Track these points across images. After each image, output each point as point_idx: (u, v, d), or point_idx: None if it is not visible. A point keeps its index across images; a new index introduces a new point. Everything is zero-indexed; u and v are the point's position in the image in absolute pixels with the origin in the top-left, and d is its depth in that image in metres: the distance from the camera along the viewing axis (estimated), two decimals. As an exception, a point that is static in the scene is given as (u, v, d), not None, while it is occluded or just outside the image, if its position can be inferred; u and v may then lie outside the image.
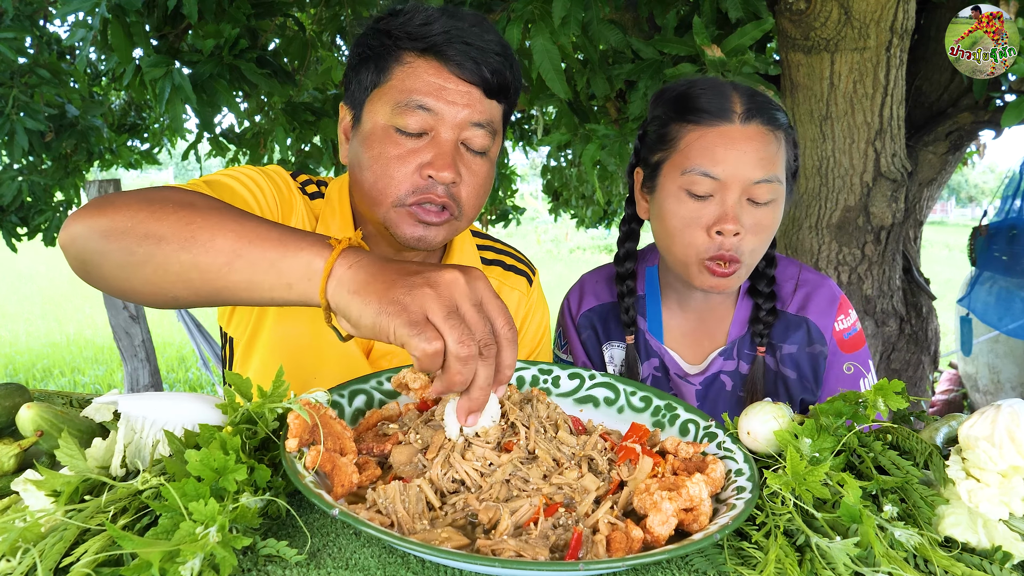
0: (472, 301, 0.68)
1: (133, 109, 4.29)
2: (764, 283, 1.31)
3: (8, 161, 3.10)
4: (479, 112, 1.08)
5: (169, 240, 0.77)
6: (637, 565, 0.65)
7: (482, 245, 1.39)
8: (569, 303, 1.45)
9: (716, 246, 1.16)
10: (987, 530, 0.71)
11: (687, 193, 1.18)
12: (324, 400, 0.80)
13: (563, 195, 5.59)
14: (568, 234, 18.58)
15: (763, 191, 1.15)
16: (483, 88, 1.08)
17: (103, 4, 1.97)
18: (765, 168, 1.15)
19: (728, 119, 1.17)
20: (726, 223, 1.14)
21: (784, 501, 0.73)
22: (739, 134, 1.16)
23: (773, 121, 1.18)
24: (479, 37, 1.07)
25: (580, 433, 0.88)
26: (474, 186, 1.12)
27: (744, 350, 1.33)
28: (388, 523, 0.67)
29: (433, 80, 1.07)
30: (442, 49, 1.06)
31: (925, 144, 2.53)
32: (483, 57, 1.07)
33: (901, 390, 0.80)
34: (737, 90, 1.21)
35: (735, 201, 1.15)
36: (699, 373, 1.34)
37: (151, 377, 4.42)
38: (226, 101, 2.39)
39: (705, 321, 1.35)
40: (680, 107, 1.22)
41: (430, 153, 1.06)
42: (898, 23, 1.96)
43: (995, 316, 3.16)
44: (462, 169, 1.09)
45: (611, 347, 1.39)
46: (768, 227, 1.19)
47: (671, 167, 1.21)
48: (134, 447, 0.74)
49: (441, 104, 1.06)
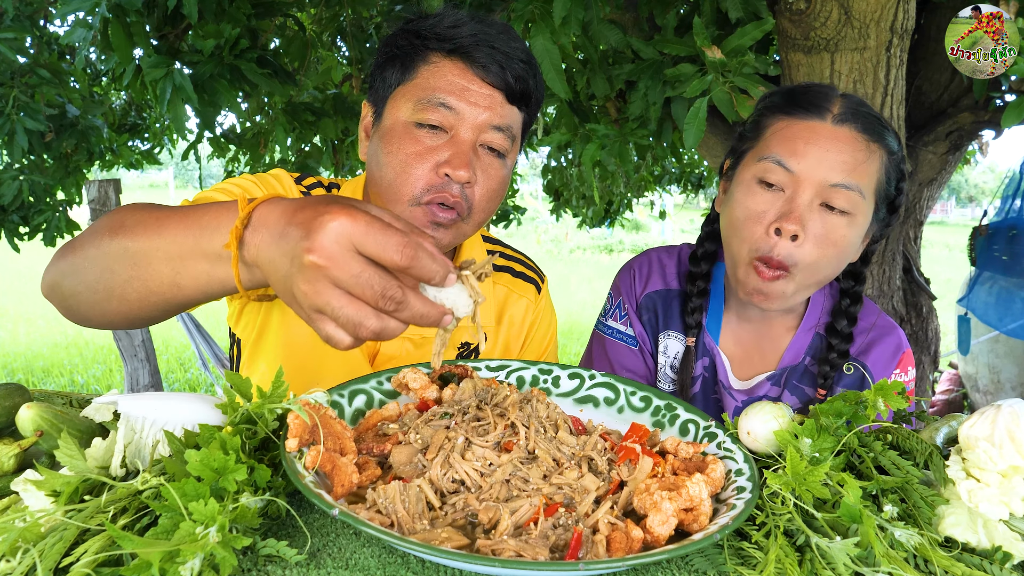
0: (351, 272, 0.64)
1: (134, 109, 4.29)
2: (845, 322, 1.22)
3: (9, 161, 3.10)
4: (499, 116, 1.09)
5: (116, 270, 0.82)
6: (637, 565, 0.65)
7: (492, 251, 1.39)
8: (634, 277, 1.38)
9: (769, 246, 1.09)
10: (987, 530, 0.71)
11: (759, 182, 1.11)
12: (324, 400, 0.80)
13: (564, 195, 5.58)
14: (568, 234, 18.58)
15: (840, 197, 1.07)
16: (505, 92, 1.10)
17: (103, 4, 1.97)
18: (848, 174, 1.07)
19: (820, 115, 1.11)
20: (788, 221, 1.06)
21: (784, 501, 0.73)
22: (827, 132, 1.10)
23: (871, 131, 1.10)
24: (506, 43, 1.09)
25: (580, 433, 0.88)
26: (487, 189, 1.11)
27: (792, 381, 1.26)
28: (388, 523, 0.67)
29: (457, 80, 1.08)
30: (469, 51, 1.08)
31: (925, 144, 2.53)
32: (508, 62, 1.09)
33: (901, 390, 0.80)
34: (845, 97, 1.15)
35: (806, 202, 1.08)
36: (743, 391, 1.29)
37: (151, 377, 4.42)
38: (227, 101, 2.39)
39: (761, 338, 1.29)
40: (780, 100, 1.17)
41: (448, 152, 1.07)
42: (898, 23, 1.96)
43: (995, 316, 3.15)
44: (478, 171, 1.09)
45: (667, 336, 1.34)
46: (837, 243, 1.09)
47: (752, 155, 1.16)
48: (134, 447, 0.74)
49: (463, 104, 1.07)
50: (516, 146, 1.16)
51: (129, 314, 0.86)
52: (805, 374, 1.27)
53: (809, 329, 1.27)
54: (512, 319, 1.35)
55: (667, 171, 5.49)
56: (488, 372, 1.00)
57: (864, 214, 1.12)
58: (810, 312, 1.28)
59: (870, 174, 1.11)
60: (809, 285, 1.13)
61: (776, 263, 1.09)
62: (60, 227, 3.36)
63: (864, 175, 1.09)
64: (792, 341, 1.27)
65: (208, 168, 5.59)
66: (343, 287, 0.65)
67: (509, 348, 1.35)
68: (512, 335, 1.35)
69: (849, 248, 1.13)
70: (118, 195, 3.99)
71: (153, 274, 0.81)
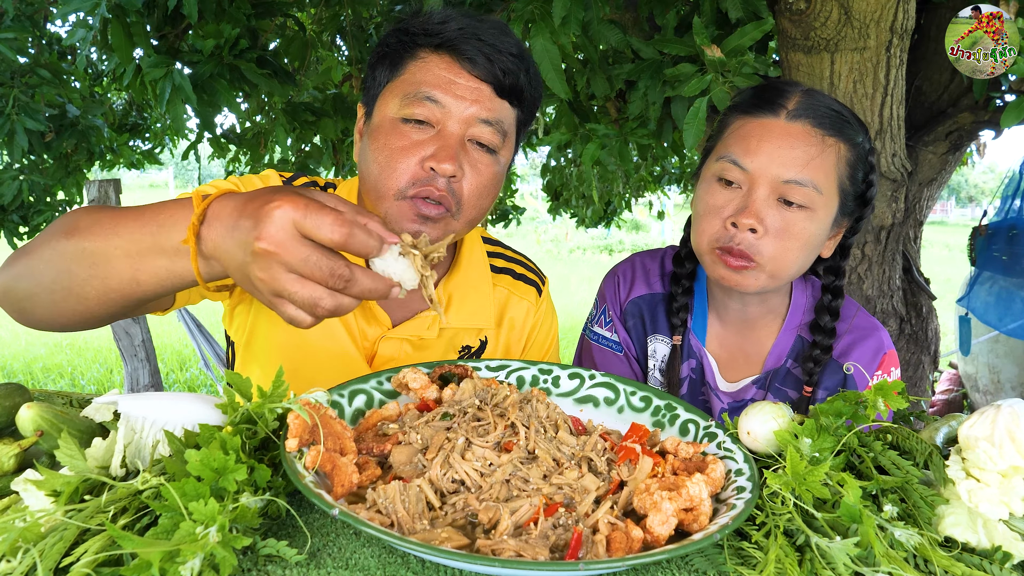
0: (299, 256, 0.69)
1: (134, 109, 4.29)
2: (828, 318, 1.23)
3: (9, 161, 3.10)
4: (487, 109, 1.07)
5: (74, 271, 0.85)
6: (637, 565, 0.65)
7: (493, 252, 1.37)
8: (618, 283, 1.39)
9: (728, 237, 1.12)
10: (987, 530, 0.71)
11: (717, 180, 1.14)
12: (324, 400, 0.80)
13: (563, 195, 5.58)
14: (568, 234, 18.57)
15: (794, 193, 1.09)
16: (494, 86, 1.08)
17: (103, 4, 1.97)
18: (800, 170, 1.09)
19: (774, 112, 1.13)
20: (744, 216, 1.09)
21: (784, 501, 0.73)
22: (780, 129, 1.11)
23: (826, 125, 1.11)
24: (495, 37, 1.08)
25: (580, 433, 0.88)
26: (477, 184, 1.09)
27: (776, 384, 1.27)
28: (388, 523, 0.67)
29: (444, 74, 1.07)
30: (455, 44, 1.07)
31: (925, 144, 2.53)
32: (496, 55, 1.07)
33: (901, 390, 0.80)
34: (806, 92, 1.15)
35: (762, 198, 1.10)
36: (730, 393, 1.30)
37: (151, 377, 4.42)
38: (226, 101, 2.39)
39: (744, 341, 1.30)
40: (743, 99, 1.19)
41: (434, 146, 1.05)
42: (898, 23, 1.96)
43: (995, 316, 3.15)
44: (466, 165, 1.07)
45: (655, 340, 1.35)
46: (798, 236, 1.11)
47: (713, 154, 1.19)
48: (134, 447, 0.74)
49: (449, 97, 1.06)
50: (509, 143, 1.14)
51: (86, 313, 0.88)
52: (788, 376, 1.28)
53: (791, 331, 1.28)
54: (513, 322, 1.34)
55: (667, 171, 5.49)
56: (488, 372, 1.00)
57: (825, 208, 1.13)
58: (791, 314, 1.28)
59: (826, 169, 1.12)
60: (781, 277, 1.15)
61: (738, 252, 1.12)
62: (60, 227, 3.35)
63: (819, 170, 1.11)
64: (774, 344, 1.28)
65: (208, 168, 5.59)
66: (295, 271, 0.70)
67: (510, 350, 1.35)
68: (513, 338, 1.35)
69: (813, 241, 1.14)
70: (118, 195, 3.99)
71: (112, 272, 0.84)
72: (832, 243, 1.23)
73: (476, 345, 1.29)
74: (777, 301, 1.29)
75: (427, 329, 1.22)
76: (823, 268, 1.28)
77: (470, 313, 1.27)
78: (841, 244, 1.25)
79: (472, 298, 1.27)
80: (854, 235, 1.25)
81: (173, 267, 0.82)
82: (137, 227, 0.84)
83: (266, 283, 0.71)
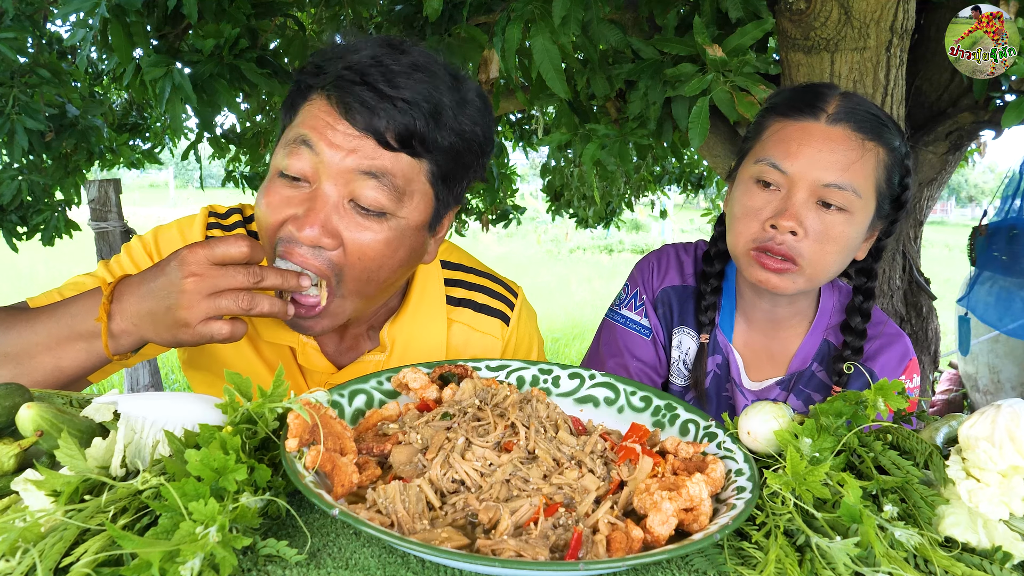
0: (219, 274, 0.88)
1: (134, 109, 4.29)
2: (859, 319, 1.23)
3: (8, 160, 3.10)
4: (369, 160, 0.93)
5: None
6: (637, 565, 0.65)
7: (452, 280, 1.25)
8: (653, 270, 1.38)
9: (767, 238, 1.11)
10: (987, 530, 0.71)
11: (755, 182, 1.14)
12: (324, 400, 0.80)
13: (563, 195, 5.58)
14: (568, 234, 18.56)
15: (834, 196, 1.09)
16: (376, 138, 0.93)
17: (103, 4, 1.97)
18: (841, 174, 1.09)
19: (815, 116, 1.12)
20: (783, 219, 1.08)
21: (784, 501, 0.73)
22: (820, 132, 1.11)
23: (866, 130, 1.11)
24: (387, 79, 0.93)
25: (580, 433, 0.88)
26: (359, 252, 0.95)
27: (799, 386, 1.27)
28: (388, 523, 0.67)
29: (323, 117, 0.95)
30: (336, 87, 0.94)
31: (925, 144, 2.52)
32: (380, 104, 0.92)
33: (901, 390, 0.80)
34: (844, 95, 1.15)
35: (802, 200, 1.09)
36: (754, 391, 1.30)
37: (151, 377, 4.42)
38: (226, 101, 2.39)
39: (770, 342, 1.30)
40: (780, 101, 1.18)
41: (304, 206, 0.94)
42: (898, 23, 1.96)
43: (995, 316, 3.15)
44: (341, 230, 0.94)
45: (682, 332, 1.34)
46: (837, 239, 1.11)
47: (751, 157, 1.18)
48: (134, 447, 0.74)
49: (323, 145, 0.93)
50: (415, 200, 0.98)
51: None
52: (812, 379, 1.27)
53: (817, 334, 1.28)
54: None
55: (667, 171, 5.49)
56: (488, 372, 1.00)
57: (863, 211, 1.13)
58: (819, 317, 1.28)
59: (866, 173, 1.11)
60: (818, 279, 1.15)
61: (780, 252, 1.11)
62: (59, 227, 3.35)
63: (859, 174, 1.10)
64: (800, 346, 1.28)
65: (208, 168, 5.58)
66: (217, 290, 0.87)
67: None
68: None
69: (850, 244, 1.14)
70: (118, 195, 3.99)
71: (37, 366, 0.96)
72: (867, 245, 1.22)
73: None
74: (805, 304, 1.29)
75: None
76: (855, 270, 1.28)
77: (415, 356, 1.17)
78: (875, 246, 1.24)
79: (420, 340, 1.18)
80: (888, 237, 1.25)
81: (91, 349, 0.96)
82: (52, 321, 0.96)
83: (193, 312, 0.87)
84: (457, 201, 1.09)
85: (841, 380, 1.24)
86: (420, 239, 1.04)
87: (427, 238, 1.07)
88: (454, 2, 2.49)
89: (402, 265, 1.02)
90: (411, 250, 1.03)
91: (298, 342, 1.15)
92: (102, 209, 3.93)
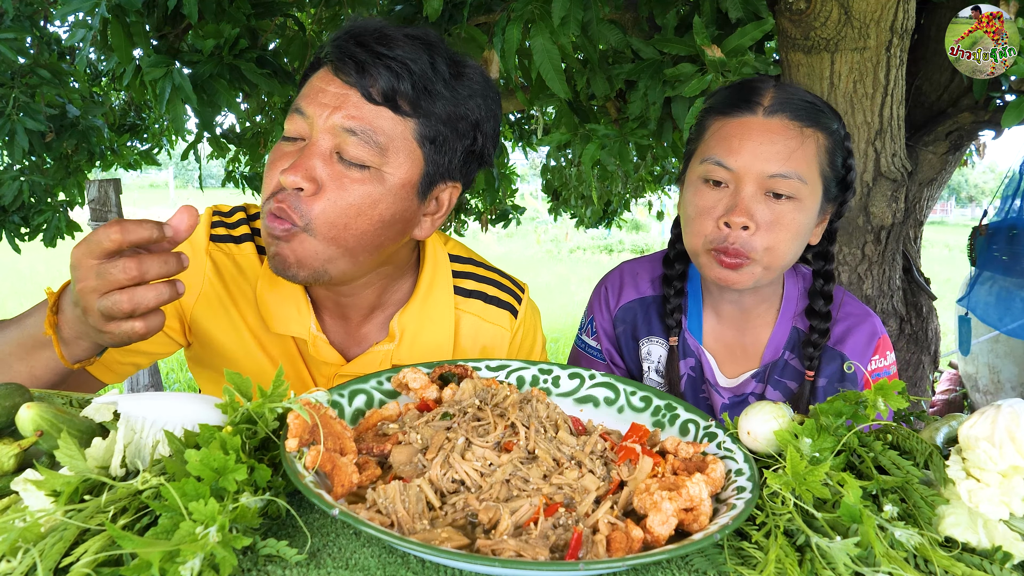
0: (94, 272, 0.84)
1: (133, 109, 4.29)
2: (822, 301, 1.25)
3: (9, 161, 3.10)
4: (352, 117, 0.98)
5: None
6: (637, 565, 0.65)
7: (461, 272, 1.27)
8: (607, 293, 1.41)
9: (722, 237, 1.14)
10: (987, 530, 0.71)
11: (703, 182, 1.16)
12: (324, 400, 0.80)
13: (563, 195, 5.58)
14: (568, 234, 18.57)
15: (781, 185, 1.12)
16: (361, 91, 0.98)
17: (103, 4, 1.97)
18: (784, 163, 1.12)
19: (751, 111, 1.15)
20: (735, 214, 1.12)
21: (784, 501, 0.73)
22: (759, 125, 1.13)
23: (803, 117, 1.14)
24: (379, 42, 0.98)
25: (580, 433, 0.88)
26: (335, 201, 0.98)
27: (775, 376, 1.29)
28: (388, 523, 0.67)
29: (316, 84, 1.01)
30: (335, 53, 1.00)
31: (925, 144, 2.53)
32: (371, 59, 0.97)
33: (901, 390, 0.80)
34: (778, 86, 1.18)
35: (750, 194, 1.12)
36: (730, 388, 1.31)
37: (151, 377, 4.42)
38: (226, 101, 2.39)
39: (741, 335, 1.32)
40: (717, 100, 1.21)
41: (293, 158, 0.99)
42: (898, 23, 1.96)
43: (995, 316, 3.15)
44: (323, 178, 0.98)
45: (650, 342, 1.36)
46: (788, 226, 1.14)
47: (696, 157, 1.20)
48: (134, 447, 0.74)
49: (312, 107, 0.99)
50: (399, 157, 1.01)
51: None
52: (786, 368, 1.30)
53: (786, 322, 1.30)
54: (487, 350, 1.27)
55: (667, 171, 5.49)
56: (488, 372, 1.00)
57: (810, 197, 1.16)
58: (785, 305, 1.31)
59: (808, 159, 1.14)
60: (775, 268, 1.17)
61: (733, 251, 1.14)
62: (61, 227, 3.35)
63: (801, 161, 1.13)
64: (771, 336, 1.30)
65: (208, 168, 5.59)
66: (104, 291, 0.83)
67: None
68: None
69: (802, 230, 1.17)
70: (118, 195, 3.99)
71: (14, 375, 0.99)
72: (819, 230, 1.26)
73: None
74: (770, 291, 1.31)
75: (379, 364, 1.18)
76: (812, 254, 1.31)
77: (424, 347, 1.20)
78: (828, 229, 1.28)
79: (429, 330, 1.20)
80: (839, 219, 1.28)
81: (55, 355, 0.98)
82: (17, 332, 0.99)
83: (94, 316, 0.85)
84: (453, 177, 1.10)
85: (812, 364, 1.26)
86: (407, 202, 1.05)
87: (417, 205, 1.07)
88: (454, 2, 2.49)
89: (384, 223, 1.04)
90: (395, 212, 1.04)
91: (308, 333, 1.14)
92: (102, 209, 3.94)
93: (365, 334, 1.21)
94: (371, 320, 1.21)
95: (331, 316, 1.19)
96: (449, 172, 1.09)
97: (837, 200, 1.24)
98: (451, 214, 5.60)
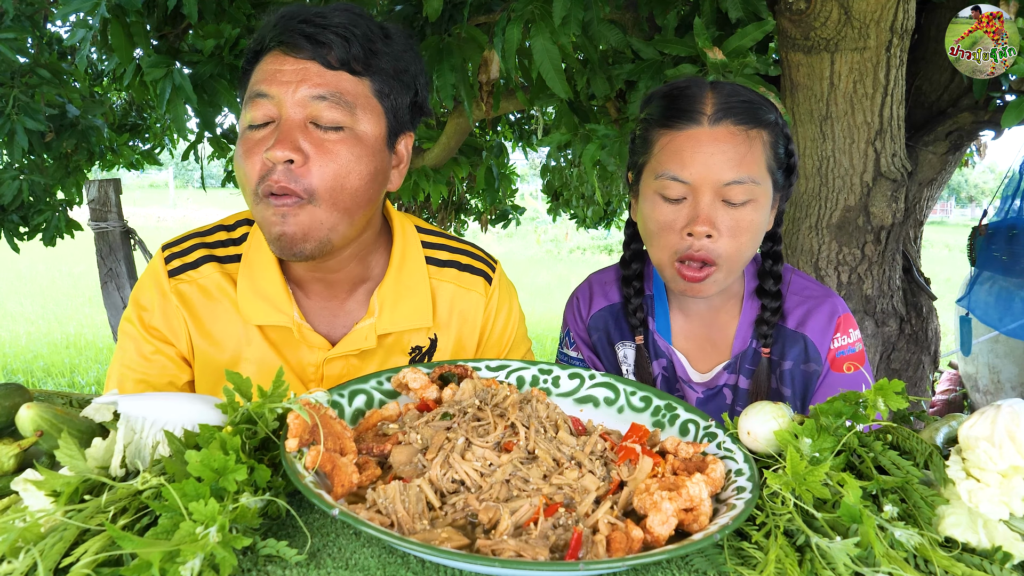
0: None
1: (134, 109, 4.29)
2: (771, 281, 1.29)
3: (9, 161, 3.09)
4: (318, 84, 1.03)
5: None
6: (637, 565, 0.65)
7: (431, 243, 1.32)
8: (579, 303, 1.44)
9: (687, 246, 1.16)
10: (987, 530, 0.71)
11: (660, 197, 1.18)
12: (324, 400, 0.80)
13: (563, 195, 5.58)
14: (568, 234, 18.57)
15: (736, 192, 1.14)
16: (320, 61, 1.04)
17: (103, 4, 1.97)
18: (736, 169, 1.14)
19: (697, 121, 1.16)
20: (697, 225, 1.14)
21: (784, 501, 0.73)
22: (707, 136, 1.15)
23: (746, 120, 1.16)
24: (321, 17, 1.04)
25: (580, 433, 0.88)
26: (326, 165, 1.03)
27: (746, 364, 1.31)
28: (388, 523, 0.67)
29: (271, 67, 1.05)
30: (279, 37, 1.05)
31: (925, 144, 2.53)
32: (317, 32, 1.03)
33: (901, 390, 0.80)
34: (714, 90, 1.19)
35: (708, 203, 1.15)
36: (703, 383, 1.33)
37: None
38: (227, 101, 2.39)
39: (709, 330, 1.34)
40: (657, 111, 1.22)
41: (272, 138, 1.02)
42: (898, 23, 1.96)
43: (995, 316, 3.15)
44: (307, 147, 1.02)
45: (624, 346, 1.38)
46: (748, 229, 1.17)
47: (648, 172, 1.22)
48: (134, 447, 0.74)
49: (275, 87, 1.03)
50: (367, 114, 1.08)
51: None
52: (756, 356, 1.32)
53: (750, 312, 1.33)
54: (464, 315, 1.30)
55: (667, 171, 5.47)
56: (488, 372, 1.00)
57: (764, 195, 1.19)
58: (747, 295, 1.34)
59: (757, 159, 1.17)
60: (737, 269, 1.21)
61: (700, 258, 1.17)
62: (60, 227, 3.35)
63: (752, 163, 1.16)
64: (738, 328, 1.32)
65: (208, 168, 5.58)
66: None
67: (463, 344, 1.31)
68: (466, 331, 1.31)
69: (761, 228, 1.21)
70: (118, 195, 3.99)
71: None
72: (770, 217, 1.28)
73: (427, 344, 1.28)
74: (735, 285, 1.35)
75: (364, 340, 1.20)
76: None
77: (405, 315, 1.24)
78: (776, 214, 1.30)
79: (407, 299, 1.25)
80: (786, 201, 1.31)
81: None
82: None
83: None
84: (406, 128, 1.17)
85: (768, 342, 1.29)
86: (381, 155, 1.11)
87: (388, 157, 1.14)
88: (454, 2, 2.48)
89: (371, 178, 1.09)
90: (376, 166, 1.10)
91: (292, 322, 1.18)
92: (102, 209, 3.93)
93: (348, 311, 1.24)
94: (354, 296, 1.24)
95: (314, 300, 1.23)
96: (403, 124, 1.16)
97: (785, 185, 1.27)
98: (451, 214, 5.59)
